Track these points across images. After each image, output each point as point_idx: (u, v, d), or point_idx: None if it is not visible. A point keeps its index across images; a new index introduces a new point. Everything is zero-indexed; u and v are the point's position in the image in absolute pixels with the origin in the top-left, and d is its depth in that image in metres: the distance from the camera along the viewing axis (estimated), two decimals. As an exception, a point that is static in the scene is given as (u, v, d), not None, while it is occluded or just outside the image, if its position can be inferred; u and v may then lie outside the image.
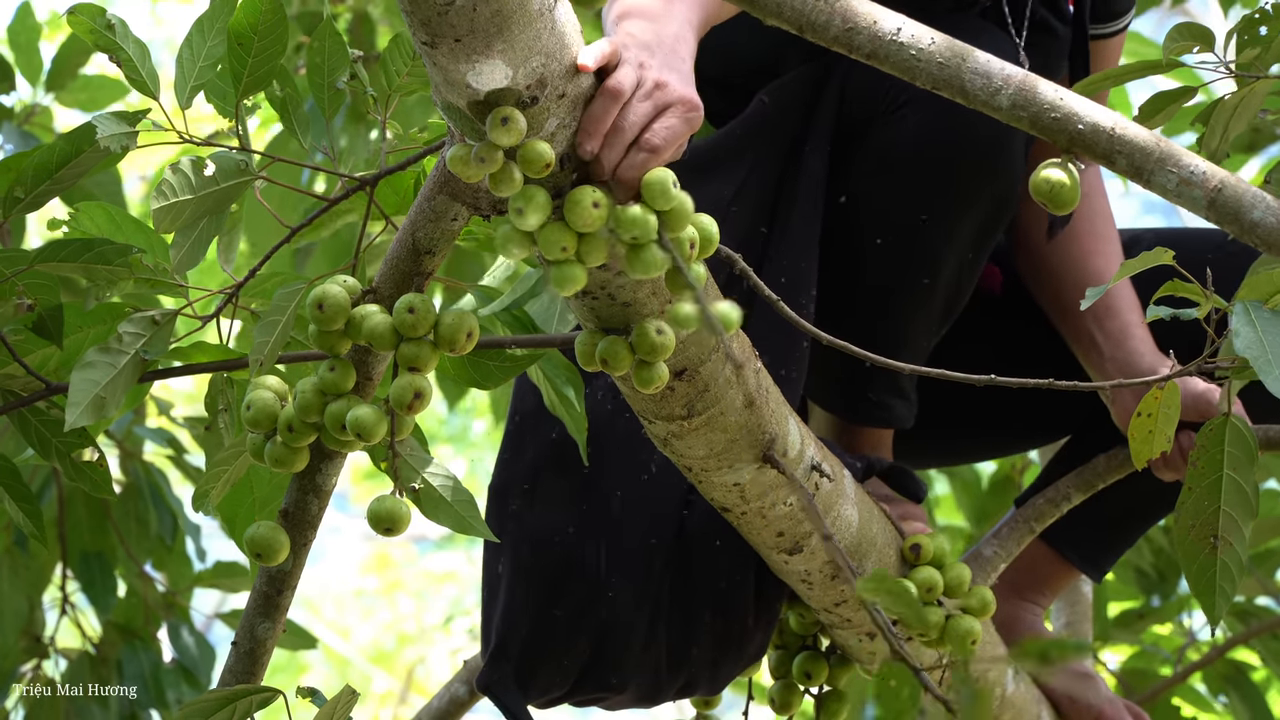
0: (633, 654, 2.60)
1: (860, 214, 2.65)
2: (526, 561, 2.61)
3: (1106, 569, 2.99)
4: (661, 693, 2.65)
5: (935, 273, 2.65)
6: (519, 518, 2.63)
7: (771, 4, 2.07)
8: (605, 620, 2.59)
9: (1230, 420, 2.23)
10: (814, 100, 2.67)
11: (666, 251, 2.02)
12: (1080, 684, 2.93)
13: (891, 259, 2.65)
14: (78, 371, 2.18)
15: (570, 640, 2.59)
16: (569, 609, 2.59)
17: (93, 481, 2.29)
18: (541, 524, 2.62)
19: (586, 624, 2.59)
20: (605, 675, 2.61)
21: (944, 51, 2.06)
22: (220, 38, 2.24)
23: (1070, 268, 2.86)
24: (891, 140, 2.63)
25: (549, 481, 2.63)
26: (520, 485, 2.64)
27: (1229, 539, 2.23)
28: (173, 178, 2.21)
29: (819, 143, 2.65)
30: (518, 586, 2.61)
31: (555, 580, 2.60)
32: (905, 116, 2.62)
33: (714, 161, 2.66)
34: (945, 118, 2.23)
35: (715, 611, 2.61)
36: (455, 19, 1.92)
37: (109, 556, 4.05)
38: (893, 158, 2.63)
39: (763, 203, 2.64)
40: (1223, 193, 2.03)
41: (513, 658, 2.61)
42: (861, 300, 2.67)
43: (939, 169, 2.61)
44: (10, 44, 4.22)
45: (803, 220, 2.63)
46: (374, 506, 2.09)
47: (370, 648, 10.57)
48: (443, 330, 2.09)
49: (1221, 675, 3.97)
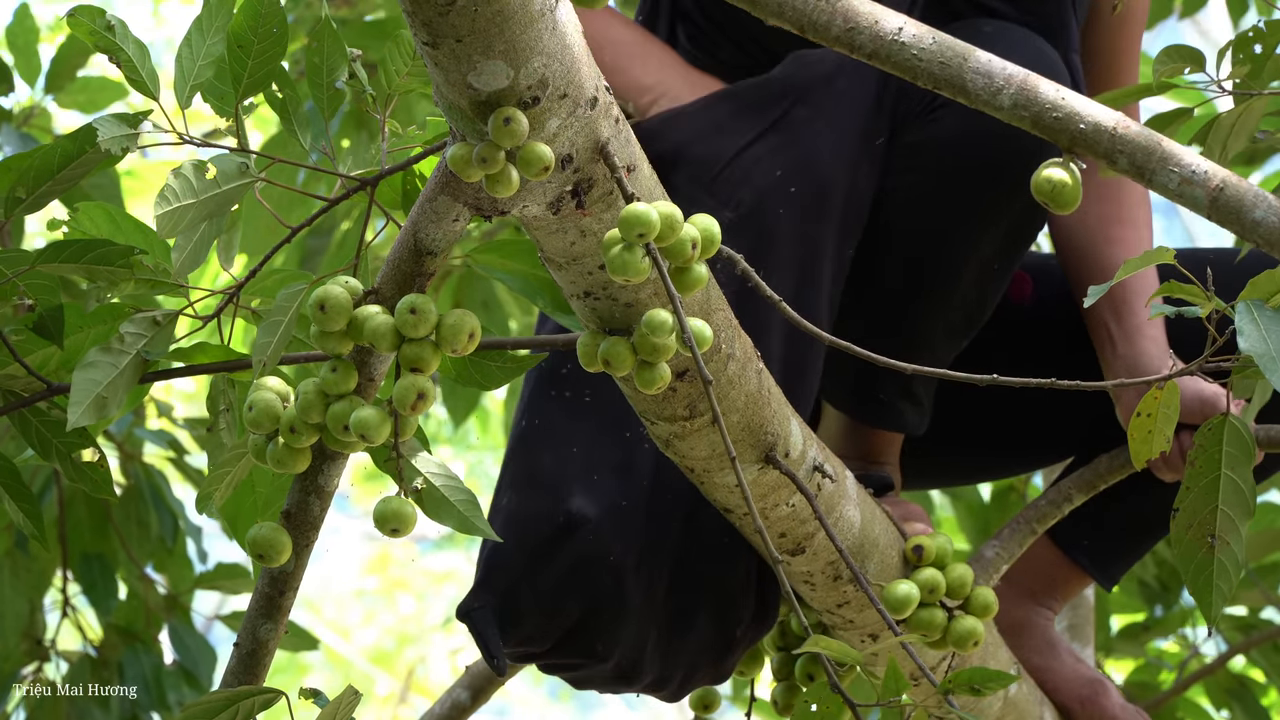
0: (624, 629, 2.56)
1: (885, 211, 2.63)
2: (530, 505, 2.55)
3: (1118, 577, 2.99)
4: (637, 678, 2.60)
5: (956, 278, 2.64)
6: (532, 451, 2.58)
7: (773, 4, 2.07)
8: (601, 587, 2.54)
9: (1228, 420, 2.23)
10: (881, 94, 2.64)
11: (651, 257, 2.03)
12: (1092, 690, 2.92)
13: (912, 260, 2.64)
14: (79, 371, 2.18)
15: (559, 599, 2.53)
16: (566, 564, 2.53)
17: (93, 482, 2.29)
18: (555, 470, 2.57)
19: (580, 585, 2.53)
20: (591, 642, 2.55)
21: (945, 51, 2.06)
22: (219, 36, 2.24)
23: (1091, 252, 2.82)
24: (924, 140, 2.61)
25: (573, 430, 2.59)
26: (547, 422, 2.58)
27: (1226, 538, 2.23)
28: (174, 182, 2.21)
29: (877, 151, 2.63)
30: (516, 524, 2.55)
31: (559, 531, 2.54)
32: (941, 118, 2.61)
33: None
34: (981, 122, 2.23)
35: (711, 617, 2.59)
36: (456, 19, 1.92)
37: (110, 558, 4.05)
38: (923, 157, 2.61)
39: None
40: (1224, 192, 2.03)
41: (498, 592, 2.53)
42: (879, 301, 2.66)
43: (968, 174, 2.59)
44: (9, 46, 4.22)
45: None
46: (380, 507, 2.09)
47: (372, 648, 10.57)
48: (444, 331, 2.09)
49: (1224, 688, 3.97)
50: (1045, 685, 2.92)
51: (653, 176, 2.16)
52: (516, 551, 2.54)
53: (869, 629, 2.62)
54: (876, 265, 2.64)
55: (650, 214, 2.02)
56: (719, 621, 2.59)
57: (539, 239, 2.16)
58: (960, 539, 4.39)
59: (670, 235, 2.04)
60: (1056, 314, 2.90)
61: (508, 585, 2.53)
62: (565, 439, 2.58)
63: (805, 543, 2.50)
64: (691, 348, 2.05)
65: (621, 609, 2.54)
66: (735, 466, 2.07)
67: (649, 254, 2.03)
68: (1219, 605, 2.25)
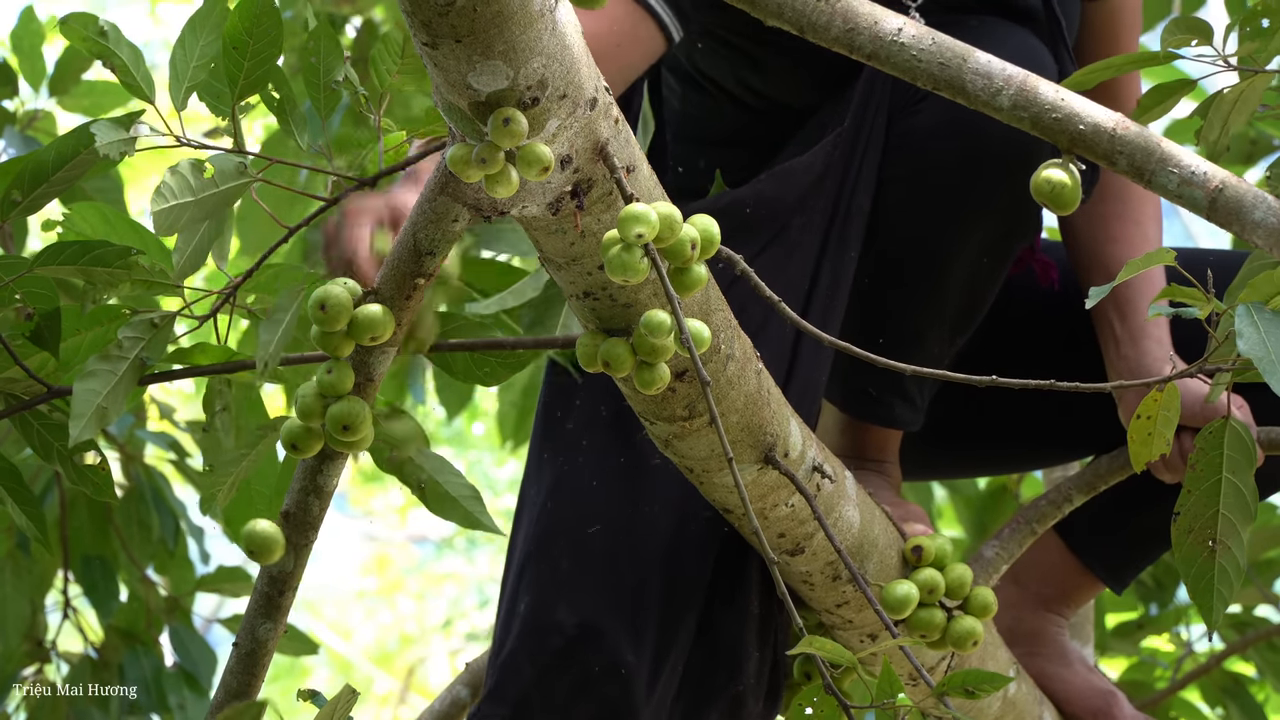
0: None
1: (874, 207, 2.63)
2: (545, 615, 2.53)
3: (1128, 583, 2.98)
4: None
5: (944, 272, 2.63)
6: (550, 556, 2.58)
7: (773, 4, 2.07)
8: (612, 699, 2.52)
9: (1229, 423, 2.23)
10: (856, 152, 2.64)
11: (650, 257, 2.03)
12: (1105, 701, 2.92)
13: (899, 254, 2.64)
14: (79, 383, 2.18)
15: (572, 710, 2.51)
16: (578, 676, 2.52)
17: (94, 485, 2.29)
18: (571, 573, 2.55)
19: (591, 697, 2.52)
20: None
21: (944, 52, 2.06)
22: (212, 36, 2.24)
23: (1096, 250, 2.81)
24: (909, 129, 2.61)
25: (581, 541, 2.58)
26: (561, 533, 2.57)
27: (1227, 543, 2.23)
28: (171, 180, 2.21)
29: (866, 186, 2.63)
30: (531, 635, 2.53)
31: (571, 642, 2.52)
32: (923, 110, 2.60)
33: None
34: (964, 113, 2.22)
35: (723, 716, 2.59)
36: (456, 20, 1.92)
37: (111, 560, 4.05)
38: (908, 147, 2.61)
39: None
40: (1224, 193, 2.03)
41: (509, 703, 2.53)
42: (868, 296, 2.65)
43: (954, 163, 2.58)
44: (13, 48, 4.21)
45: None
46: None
47: (373, 648, 10.57)
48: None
49: (1219, 687, 3.97)
50: (1057, 695, 2.91)
51: (652, 177, 2.16)
52: (529, 662, 2.54)
53: (868, 629, 2.61)
54: (866, 259, 2.64)
55: (649, 214, 2.02)
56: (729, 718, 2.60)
57: (538, 239, 2.15)
58: (958, 528, 4.40)
59: (669, 236, 2.04)
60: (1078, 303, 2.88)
61: (520, 696, 2.52)
62: (579, 534, 2.57)
63: (804, 543, 2.50)
64: (690, 349, 2.05)
65: (631, 717, 2.54)
66: (732, 468, 2.07)
67: (648, 254, 2.03)
68: (1220, 610, 2.25)
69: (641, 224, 2.02)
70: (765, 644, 2.59)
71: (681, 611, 2.54)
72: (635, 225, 2.02)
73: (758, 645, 2.58)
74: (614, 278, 2.03)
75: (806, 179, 2.62)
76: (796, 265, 2.60)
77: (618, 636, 2.53)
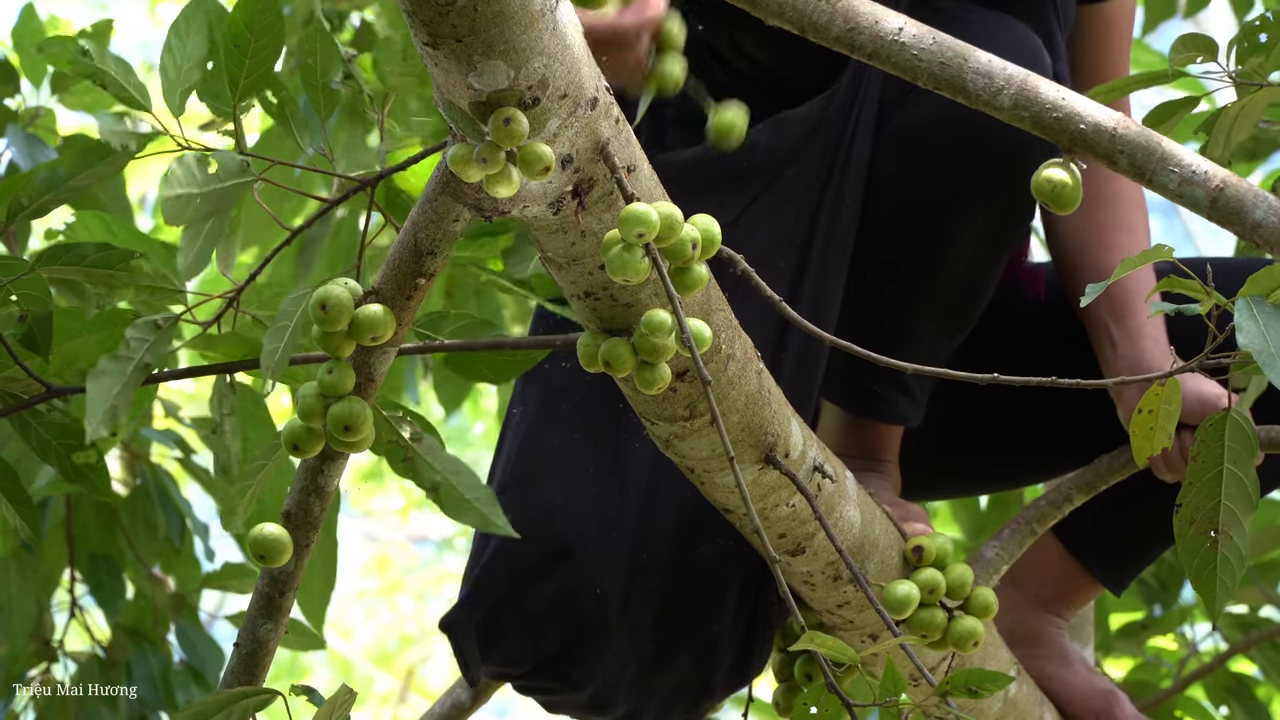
0: (603, 661, 2.57)
1: (868, 199, 2.63)
2: (522, 525, 2.52)
3: (1128, 584, 2.98)
4: (610, 710, 2.60)
5: (941, 265, 2.63)
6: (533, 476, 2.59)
7: (773, 4, 2.07)
8: (584, 618, 2.54)
9: (1231, 415, 2.23)
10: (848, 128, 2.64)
11: (651, 257, 2.03)
12: (1106, 702, 2.92)
13: (895, 247, 2.63)
14: (92, 381, 2.19)
15: (542, 625, 2.54)
16: (552, 592, 2.54)
17: (91, 484, 2.29)
18: (551, 491, 2.58)
19: (563, 614, 2.54)
20: (568, 670, 2.56)
21: (945, 52, 2.06)
22: (198, 36, 2.24)
23: (1087, 258, 2.80)
24: (905, 121, 2.61)
25: (571, 452, 2.59)
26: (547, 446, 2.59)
27: (1229, 533, 2.23)
28: (178, 169, 2.22)
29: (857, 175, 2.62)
30: (506, 545, 2.55)
31: (548, 558, 2.55)
32: (921, 102, 2.60)
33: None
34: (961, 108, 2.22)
35: (694, 659, 2.59)
36: (456, 20, 1.92)
37: (117, 558, 4.05)
38: (905, 141, 2.61)
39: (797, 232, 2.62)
40: (1225, 193, 2.03)
41: (481, 610, 2.55)
42: (865, 291, 2.65)
43: (952, 158, 2.58)
44: (15, 46, 4.21)
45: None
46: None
47: (373, 648, 10.57)
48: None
49: (1223, 687, 3.97)
50: (1058, 696, 2.91)
51: (653, 177, 2.16)
52: (505, 573, 2.55)
53: (869, 629, 2.61)
54: (862, 253, 2.64)
55: (650, 214, 2.02)
56: (698, 666, 2.60)
57: (539, 239, 2.16)
58: (954, 529, 4.40)
59: (670, 235, 2.05)
60: (1067, 314, 2.88)
61: (492, 604, 2.55)
62: (563, 458, 2.58)
63: (805, 543, 2.50)
64: (691, 348, 2.05)
65: (602, 641, 2.55)
66: (734, 468, 2.07)
67: (649, 254, 2.03)
68: (1223, 600, 2.25)
69: (642, 224, 2.02)
70: (746, 595, 2.59)
71: (662, 548, 2.55)
72: (636, 225, 2.02)
73: (738, 599, 2.58)
74: (615, 277, 2.04)
75: (800, 129, 2.62)
76: (789, 216, 2.60)
77: (595, 558, 2.55)
